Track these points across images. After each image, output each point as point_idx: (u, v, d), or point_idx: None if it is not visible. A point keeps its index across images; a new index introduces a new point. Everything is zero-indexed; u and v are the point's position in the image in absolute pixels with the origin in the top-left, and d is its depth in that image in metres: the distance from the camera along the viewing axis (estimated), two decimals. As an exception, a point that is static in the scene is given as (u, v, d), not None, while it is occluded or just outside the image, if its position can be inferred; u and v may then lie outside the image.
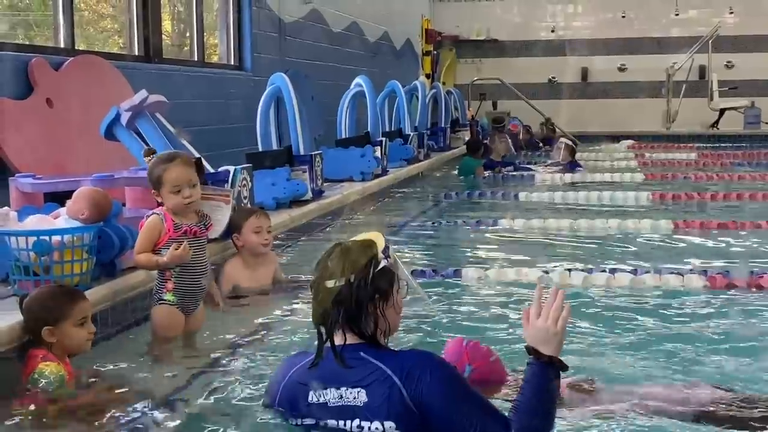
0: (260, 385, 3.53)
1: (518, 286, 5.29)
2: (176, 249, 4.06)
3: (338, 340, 2.66)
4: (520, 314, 4.54)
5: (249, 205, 5.92)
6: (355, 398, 2.59)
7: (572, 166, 12.03)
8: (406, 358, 2.63)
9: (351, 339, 2.66)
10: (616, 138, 17.06)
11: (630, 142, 16.55)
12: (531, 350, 2.61)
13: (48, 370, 3.41)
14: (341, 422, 2.62)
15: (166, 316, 4.19)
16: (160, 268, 4.16)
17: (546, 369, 2.57)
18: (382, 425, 2.57)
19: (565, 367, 2.63)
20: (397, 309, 2.74)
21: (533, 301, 2.66)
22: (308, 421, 2.68)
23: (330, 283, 2.65)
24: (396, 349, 2.73)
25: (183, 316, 4.23)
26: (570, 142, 12.53)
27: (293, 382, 2.72)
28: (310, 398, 2.65)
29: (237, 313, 4.86)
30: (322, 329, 2.68)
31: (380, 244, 2.71)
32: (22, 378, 3.45)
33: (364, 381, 2.59)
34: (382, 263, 2.68)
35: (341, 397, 2.60)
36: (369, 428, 2.58)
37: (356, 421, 2.60)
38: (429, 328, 4.36)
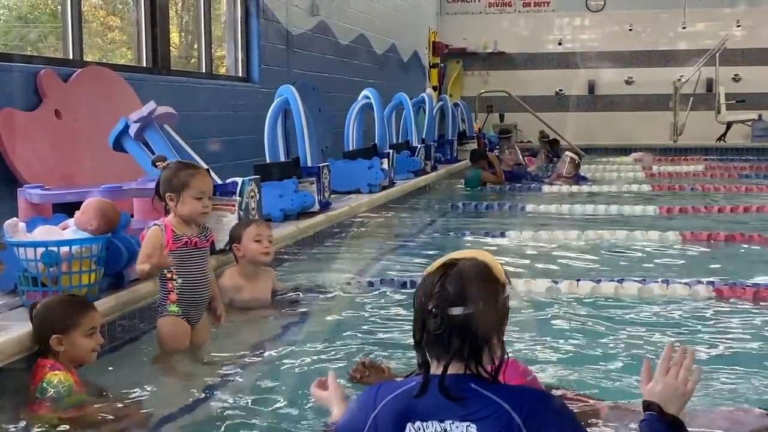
0: (268, 399, 3.52)
1: (529, 298, 5.25)
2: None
3: (440, 369, 2.42)
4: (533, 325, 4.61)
5: (257, 217, 5.91)
6: None
7: (578, 179, 12.01)
8: (526, 395, 2.43)
9: (456, 368, 2.42)
10: (625, 150, 17.01)
11: (640, 154, 16.44)
12: (653, 406, 2.50)
13: (56, 379, 3.40)
14: None
15: (173, 327, 4.18)
16: (159, 269, 4.11)
17: (668, 428, 2.48)
18: None
19: (684, 429, 2.52)
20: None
21: (662, 358, 2.53)
22: None
23: (456, 311, 2.39)
24: (508, 384, 2.52)
25: (189, 327, 4.21)
26: (575, 156, 12.47)
27: (387, 413, 2.47)
28: (407, 431, 2.42)
29: (239, 326, 4.83)
30: (434, 358, 2.44)
31: (499, 268, 2.47)
32: (30, 387, 3.44)
33: (476, 415, 2.37)
34: (508, 290, 2.47)
35: (445, 431, 2.39)
36: None
37: None
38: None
